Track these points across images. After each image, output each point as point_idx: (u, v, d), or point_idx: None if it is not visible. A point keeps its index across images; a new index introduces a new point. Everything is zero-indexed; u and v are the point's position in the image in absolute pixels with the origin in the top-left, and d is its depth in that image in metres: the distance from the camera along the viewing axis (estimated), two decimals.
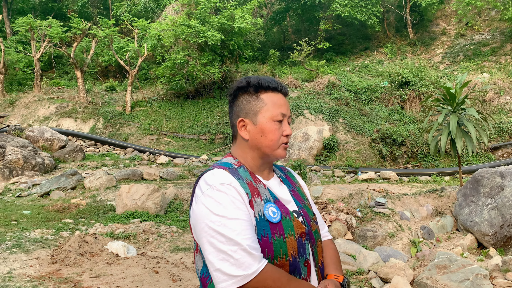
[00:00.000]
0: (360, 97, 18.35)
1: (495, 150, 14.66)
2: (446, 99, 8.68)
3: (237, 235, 1.30)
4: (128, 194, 8.59)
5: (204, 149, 16.91)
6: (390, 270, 5.33)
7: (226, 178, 1.41)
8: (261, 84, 1.53)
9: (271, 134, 1.51)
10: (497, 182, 7.20)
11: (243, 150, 1.56)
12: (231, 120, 1.60)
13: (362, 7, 24.39)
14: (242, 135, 1.54)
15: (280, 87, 1.56)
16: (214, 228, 1.32)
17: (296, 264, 1.44)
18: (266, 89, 1.54)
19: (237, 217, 1.33)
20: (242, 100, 1.55)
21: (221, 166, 1.49)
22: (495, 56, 22.16)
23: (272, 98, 1.53)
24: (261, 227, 1.39)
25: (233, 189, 1.39)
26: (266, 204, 1.44)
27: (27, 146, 13.32)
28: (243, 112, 1.54)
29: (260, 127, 1.51)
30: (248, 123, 1.53)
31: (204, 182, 1.43)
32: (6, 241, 6.34)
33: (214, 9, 21.29)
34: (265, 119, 1.51)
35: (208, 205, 1.36)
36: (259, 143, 1.52)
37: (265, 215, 1.42)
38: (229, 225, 1.31)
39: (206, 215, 1.35)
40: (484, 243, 6.82)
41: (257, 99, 1.53)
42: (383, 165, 14.80)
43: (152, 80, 24.72)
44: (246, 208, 1.38)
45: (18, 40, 26.66)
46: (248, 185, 1.45)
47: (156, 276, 5.20)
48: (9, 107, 21.18)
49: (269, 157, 1.55)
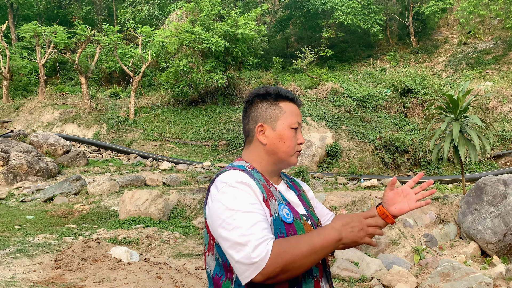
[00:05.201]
0: (363, 105, 18.38)
1: (498, 158, 14.63)
2: (448, 107, 8.70)
3: (251, 226, 1.33)
4: (131, 200, 8.61)
5: (207, 155, 16.94)
6: (393, 278, 5.32)
7: (242, 177, 1.46)
8: (280, 93, 1.63)
9: (289, 141, 1.59)
10: (500, 190, 7.20)
11: (258, 154, 1.61)
12: (247, 124, 1.65)
13: (365, 15, 24.50)
14: (260, 139, 1.59)
15: (296, 99, 1.67)
16: (229, 223, 1.35)
17: None
18: (284, 98, 1.63)
19: (251, 210, 1.37)
20: (261, 107, 1.62)
21: (236, 167, 1.53)
22: (498, 64, 22.18)
23: (290, 108, 1.63)
24: (277, 226, 1.44)
25: (249, 187, 1.42)
26: (280, 205, 1.49)
27: (31, 151, 13.39)
28: (262, 118, 1.60)
29: (279, 133, 1.59)
30: (267, 129, 1.59)
31: (220, 181, 1.47)
32: (10, 246, 6.37)
33: (218, 16, 21.43)
34: (283, 126, 1.59)
35: (224, 201, 1.40)
36: (277, 148, 1.59)
37: (280, 215, 1.46)
38: (243, 218, 1.34)
39: (222, 211, 1.39)
40: (488, 251, 6.79)
41: (276, 107, 1.61)
42: (385, 172, 14.78)
43: (156, 86, 24.83)
44: (261, 204, 1.42)
45: (23, 46, 26.86)
46: (263, 186, 1.50)
47: (159, 282, 5.21)
48: (14, 113, 21.31)
49: (283, 163, 1.62)
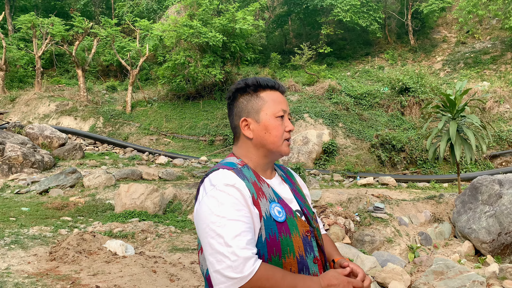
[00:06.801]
0: (360, 102, 18.40)
1: (494, 158, 14.70)
2: (446, 106, 8.73)
3: (235, 237, 1.31)
4: (127, 194, 8.59)
5: (203, 150, 16.92)
6: (388, 275, 5.34)
7: (231, 178, 1.42)
8: (259, 83, 1.57)
9: (274, 130, 1.54)
10: (495, 190, 7.23)
11: (247, 150, 1.57)
12: (232, 122, 1.61)
13: (364, 12, 24.48)
14: (246, 134, 1.55)
15: (277, 86, 1.60)
16: (213, 229, 1.34)
17: (304, 262, 1.46)
18: (264, 87, 1.58)
19: (237, 218, 1.34)
20: (242, 101, 1.57)
21: (226, 166, 1.50)
22: (496, 64, 22.25)
23: (272, 96, 1.57)
24: (268, 226, 1.41)
25: (236, 190, 1.39)
26: (272, 204, 1.46)
27: (27, 143, 13.32)
28: (245, 112, 1.56)
29: (263, 124, 1.54)
30: (251, 122, 1.55)
31: (209, 182, 1.44)
32: (5, 237, 6.34)
33: (216, 11, 21.34)
34: (267, 116, 1.54)
35: (210, 205, 1.38)
36: (264, 140, 1.54)
37: (272, 214, 1.44)
38: (228, 226, 1.32)
39: (207, 215, 1.37)
40: (482, 250, 6.84)
41: (257, 98, 1.56)
42: (382, 170, 14.82)
43: (153, 80, 24.75)
44: (248, 210, 1.39)
45: (20, 38, 26.67)
46: (253, 185, 1.46)
47: (154, 275, 5.20)
48: (10, 104, 21.18)
49: (273, 154, 1.57)
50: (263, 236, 1.40)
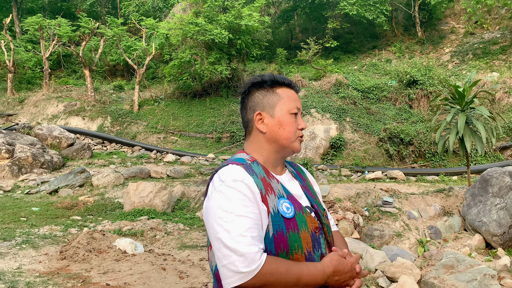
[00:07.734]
0: (367, 96, 18.27)
1: (504, 150, 14.52)
2: (454, 98, 8.62)
3: (242, 232, 1.33)
4: (135, 192, 8.65)
5: (210, 147, 16.95)
6: (397, 270, 5.30)
7: (239, 174, 1.44)
8: (276, 79, 1.60)
9: (289, 126, 1.56)
10: (506, 182, 7.14)
11: (259, 144, 1.58)
12: (246, 115, 1.62)
13: (370, 5, 24.24)
14: (259, 128, 1.57)
15: (293, 84, 1.64)
16: (221, 224, 1.35)
17: (312, 258, 1.47)
18: (281, 84, 1.60)
19: (244, 214, 1.36)
20: (257, 95, 1.59)
21: (235, 162, 1.51)
22: (505, 54, 21.92)
23: (287, 93, 1.60)
24: (276, 222, 1.42)
25: (245, 186, 1.40)
26: (280, 200, 1.47)
27: (36, 144, 13.45)
28: (260, 106, 1.58)
29: (278, 119, 1.56)
30: (266, 116, 1.56)
31: (218, 178, 1.46)
32: (16, 237, 6.42)
33: (221, 8, 21.31)
34: (282, 112, 1.56)
35: (218, 201, 1.39)
36: (277, 135, 1.56)
37: (279, 210, 1.44)
38: (235, 222, 1.34)
39: (216, 210, 1.38)
40: (492, 243, 6.76)
41: (273, 94, 1.58)
42: (390, 164, 14.72)
43: (160, 79, 24.81)
44: (256, 206, 1.40)
45: (28, 39, 26.90)
46: (262, 180, 1.47)
47: (163, 273, 5.23)
48: (18, 106, 21.40)
49: (285, 150, 1.59)
50: (270, 232, 1.41)
